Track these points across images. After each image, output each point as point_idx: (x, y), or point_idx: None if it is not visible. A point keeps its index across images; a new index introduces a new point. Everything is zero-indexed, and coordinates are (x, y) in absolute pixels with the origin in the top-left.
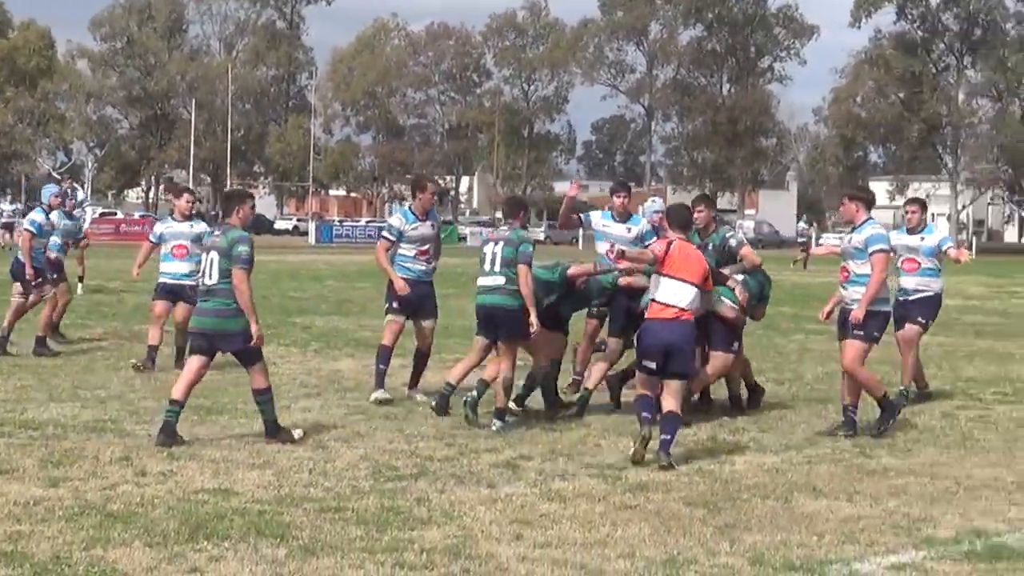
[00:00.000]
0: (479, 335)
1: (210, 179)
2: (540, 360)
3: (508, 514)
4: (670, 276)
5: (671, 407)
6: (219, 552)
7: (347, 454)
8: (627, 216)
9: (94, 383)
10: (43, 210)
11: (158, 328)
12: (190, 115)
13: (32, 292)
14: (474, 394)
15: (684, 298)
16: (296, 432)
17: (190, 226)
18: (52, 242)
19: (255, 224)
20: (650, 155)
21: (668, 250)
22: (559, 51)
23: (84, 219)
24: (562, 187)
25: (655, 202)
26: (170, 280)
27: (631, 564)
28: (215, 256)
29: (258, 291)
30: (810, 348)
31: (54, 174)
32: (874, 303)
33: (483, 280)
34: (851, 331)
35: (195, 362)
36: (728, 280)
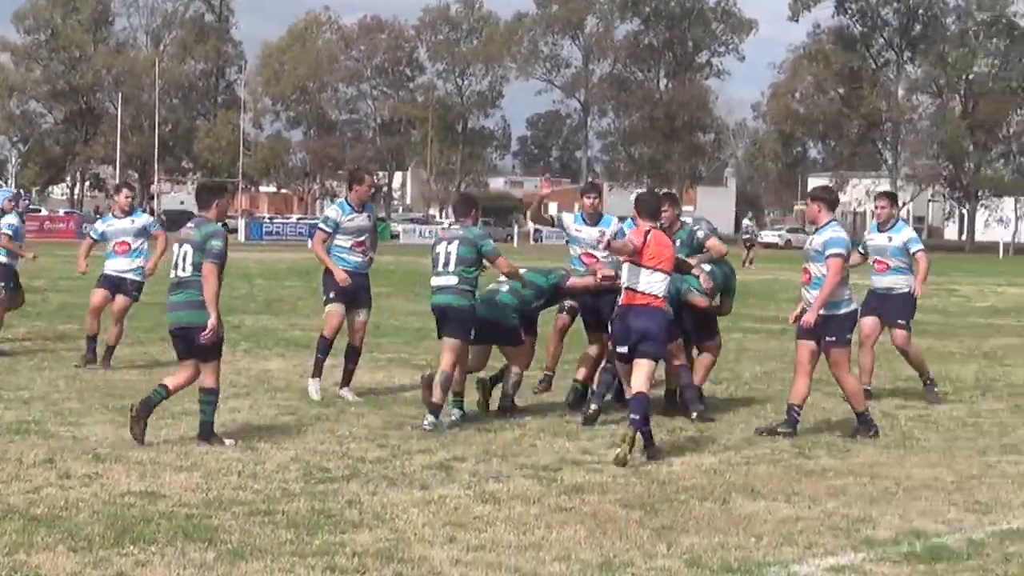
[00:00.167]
0: (440, 337)
1: (137, 175)
2: (520, 364)
3: (441, 516)
4: (646, 266)
5: (640, 387)
6: (145, 557)
7: (277, 456)
8: (598, 218)
9: (17, 384)
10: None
11: (95, 318)
12: (116, 110)
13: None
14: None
15: (658, 287)
16: (228, 442)
17: (131, 221)
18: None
19: (182, 220)
20: (586, 151)
21: (646, 239)
22: (493, 45)
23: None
24: (496, 183)
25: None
26: (113, 274)
27: (566, 567)
28: (188, 249)
29: None
30: (747, 347)
31: None
32: (839, 305)
33: (436, 280)
34: (823, 338)
35: (187, 366)
36: (694, 268)
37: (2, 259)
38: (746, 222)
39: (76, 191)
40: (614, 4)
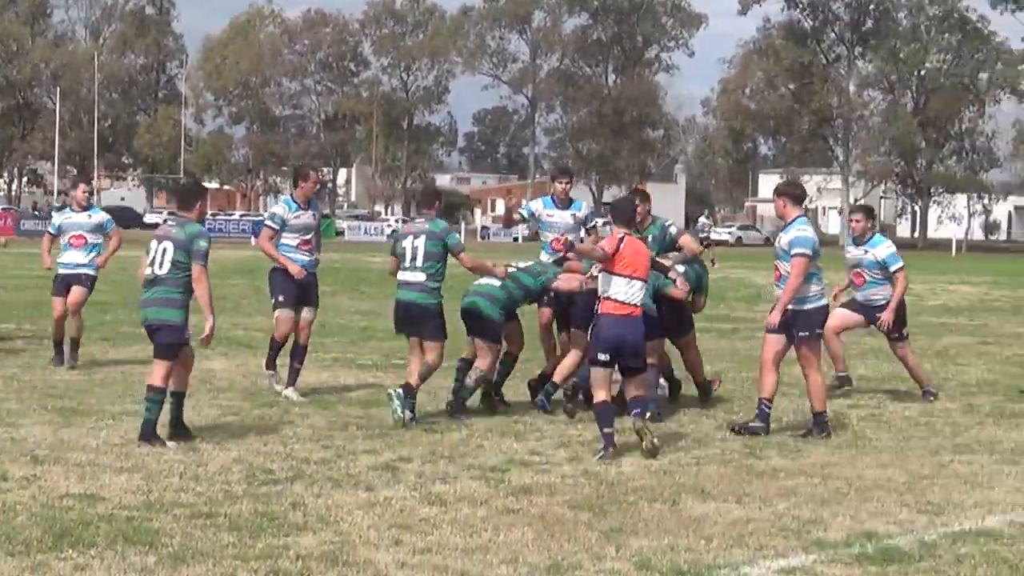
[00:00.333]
0: (398, 332)
1: (76, 171)
2: (486, 364)
3: (387, 519)
4: (621, 275)
5: (639, 394)
6: (85, 561)
7: (219, 457)
8: (569, 202)
9: None
10: None
11: (61, 325)
12: (55, 104)
13: None
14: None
15: (635, 295)
16: (169, 444)
17: (88, 216)
18: None
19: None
20: (534, 147)
21: (619, 248)
22: (439, 39)
23: None
24: (443, 180)
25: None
26: (67, 271)
27: (514, 570)
28: (168, 246)
29: (125, 288)
30: (698, 345)
31: None
32: (807, 300)
33: (403, 275)
34: (795, 334)
35: (181, 359)
36: (670, 272)
37: None
38: (703, 220)
39: (14, 187)
40: None
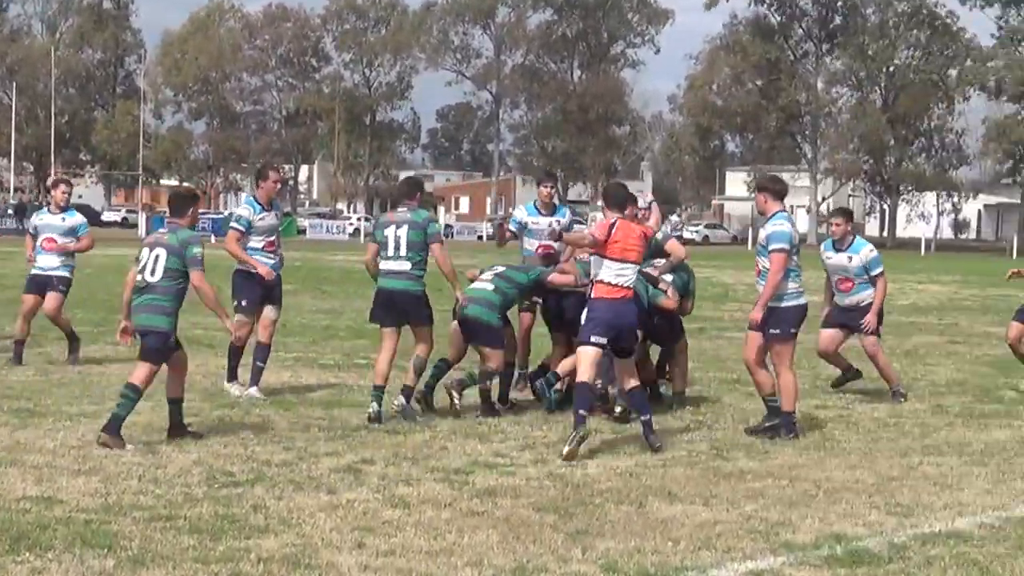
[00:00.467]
0: (373, 320)
1: (33, 167)
2: (497, 362)
3: (349, 521)
4: (613, 258)
5: (632, 384)
6: (42, 564)
7: (179, 459)
8: (552, 208)
9: None
10: None
11: (25, 322)
12: (11, 100)
13: None
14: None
15: (628, 278)
16: (128, 446)
17: (62, 219)
18: None
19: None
20: (498, 144)
21: (611, 233)
22: (402, 35)
23: None
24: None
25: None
26: (40, 272)
27: (478, 573)
28: (161, 252)
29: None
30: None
31: None
32: (783, 298)
33: (387, 264)
34: (767, 331)
35: (175, 362)
36: (660, 283)
37: None
38: (674, 219)
39: None
40: None
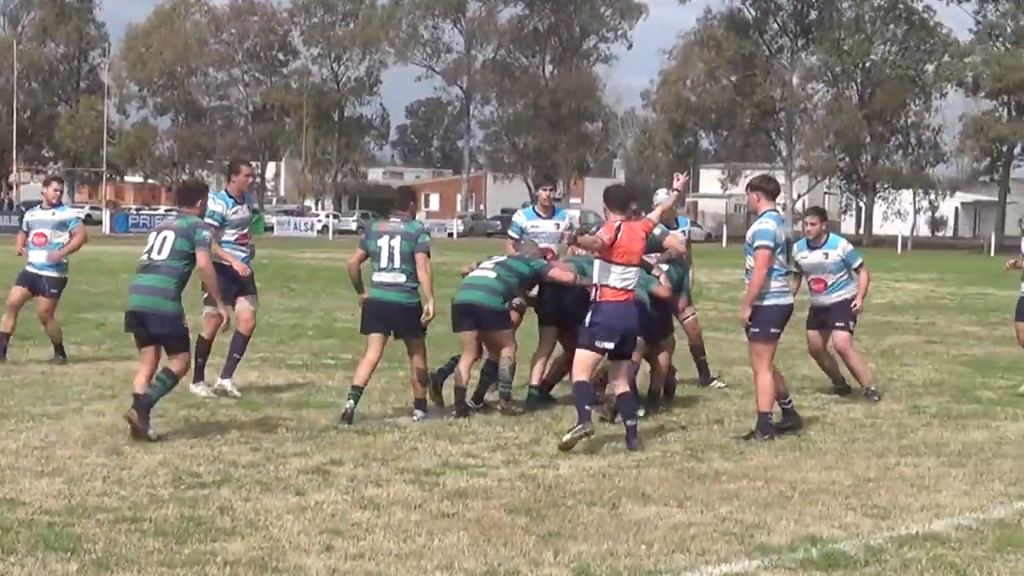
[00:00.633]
0: (366, 331)
1: None
2: (510, 347)
3: (318, 523)
4: (618, 263)
5: (624, 389)
6: (4, 568)
7: (144, 460)
8: (552, 211)
9: None
10: None
11: (11, 316)
12: None
13: None
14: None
15: (632, 281)
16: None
17: (52, 214)
18: None
19: None
20: (468, 140)
21: (617, 236)
22: (371, 29)
23: None
24: (375, 174)
25: (659, 194)
26: (31, 269)
27: None
28: (169, 234)
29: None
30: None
31: None
32: (764, 296)
33: (381, 276)
34: (748, 331)
35: (147, 355)
36: (653, 270)
37: None
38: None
39: None
40: None
